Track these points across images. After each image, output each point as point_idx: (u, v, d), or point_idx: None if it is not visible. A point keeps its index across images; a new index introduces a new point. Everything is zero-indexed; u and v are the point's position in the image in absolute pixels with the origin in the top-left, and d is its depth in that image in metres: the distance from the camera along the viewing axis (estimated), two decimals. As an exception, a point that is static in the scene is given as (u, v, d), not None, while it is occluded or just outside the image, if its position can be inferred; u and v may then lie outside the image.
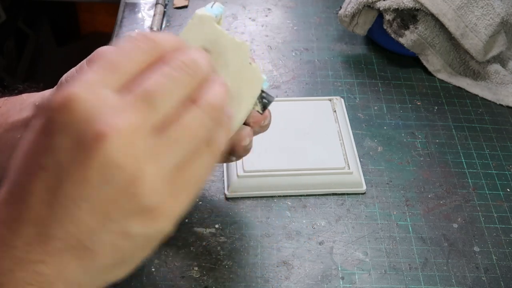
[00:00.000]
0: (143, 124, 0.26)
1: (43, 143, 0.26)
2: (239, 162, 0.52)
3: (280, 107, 0.59)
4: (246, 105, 0.39)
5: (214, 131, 0.29)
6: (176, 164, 0.27)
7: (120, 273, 0.29)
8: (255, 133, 0.43)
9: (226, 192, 0.52)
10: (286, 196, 0.53)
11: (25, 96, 0.46)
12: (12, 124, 0.44)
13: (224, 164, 0.55)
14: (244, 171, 0.52)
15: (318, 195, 0.53)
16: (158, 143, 0.26)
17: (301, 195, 0.53)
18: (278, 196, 0.53)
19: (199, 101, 0.28)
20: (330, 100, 0.60)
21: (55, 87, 0.44)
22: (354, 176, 0.53)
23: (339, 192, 0.53)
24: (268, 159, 0.53)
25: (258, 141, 0.44)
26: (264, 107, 0.40)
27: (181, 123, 0.27)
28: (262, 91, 0.39)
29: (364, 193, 0.54)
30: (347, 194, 0.54)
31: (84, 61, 0.43)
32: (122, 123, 0.25)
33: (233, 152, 0.41)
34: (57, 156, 0.25)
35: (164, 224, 0.27)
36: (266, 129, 0.43)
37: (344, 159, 0.54)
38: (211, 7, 0.37)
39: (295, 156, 0.54)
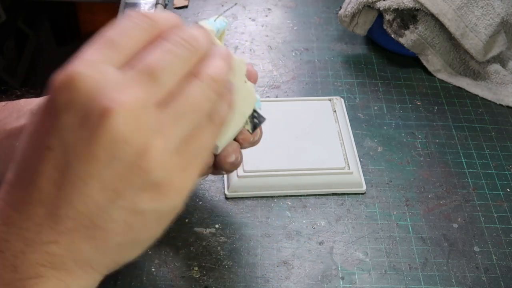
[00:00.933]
0: (147, 99, 0.26)
1: (49, 123, 0.26)
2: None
3: (280, 107, 0.59)
4: (236, 123, 0.38)
5: (216, 103, 0.29)
6: (182, 138, 0.27)
7: (132, 254, 0.29)
8: (245, 148, 0.42)
9: (226, 192, 0.52)
10: (286, 196, 0.53)
11: (22, 102, 0.46)
12: (9, 132, 0.44)
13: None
14: (244, 171, 0.52)
15: (318, 195, 0.53)
16: (163, 117, 0.26)
17: (301, 195, 0.53)
18: (278, 196, 0.53)
19: (201, 74, 0.28)
20: (330, 100, 0.60)
21: None
22: (354, 176, 0.53)
23: (339, 192, 0.53)
24: (268, 159, 0.53)
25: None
26: (255, 127, 0.39)
27: (185, 96, 0.27)
28: (254, 111, 0.39)
29: (364, 193, 0.54)
30: (347, 194, 0.54)
31: None
32: (127, 98, 0.25)
33: (221, 167, 0.40)
34: (63, 135, 0.25)
35: (174, 199, 0.27)
36: (256, 144, 0.43)
37: (344, 159, 0.54)
38: (215, 20, 0.36)
39: (295, 156, 0.54)
